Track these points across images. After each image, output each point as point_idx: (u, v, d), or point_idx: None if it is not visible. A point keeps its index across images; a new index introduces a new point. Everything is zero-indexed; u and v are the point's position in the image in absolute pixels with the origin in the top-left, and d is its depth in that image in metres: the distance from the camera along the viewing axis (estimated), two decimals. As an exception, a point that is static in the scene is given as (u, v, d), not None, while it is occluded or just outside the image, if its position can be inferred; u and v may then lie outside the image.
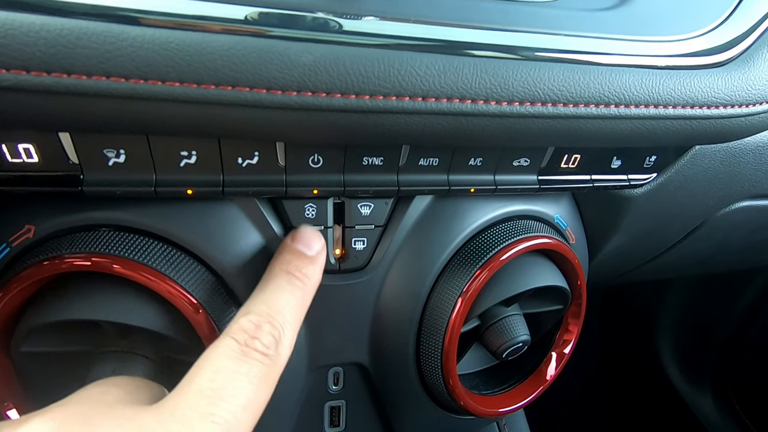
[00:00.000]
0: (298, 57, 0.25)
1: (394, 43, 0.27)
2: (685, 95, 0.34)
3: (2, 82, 0.22)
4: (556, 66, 0.31)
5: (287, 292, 0.31)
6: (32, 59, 0.22)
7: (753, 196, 0.56)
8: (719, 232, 0.60)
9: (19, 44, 0.22)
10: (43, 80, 0.22)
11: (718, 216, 0.57)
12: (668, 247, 0.60)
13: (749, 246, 0.69)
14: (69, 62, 0.22)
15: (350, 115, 0.27)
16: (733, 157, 0.48)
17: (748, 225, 0.61)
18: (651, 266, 0.66)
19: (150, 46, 0.23)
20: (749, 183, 0.53)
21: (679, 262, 0.68)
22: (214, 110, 0.25)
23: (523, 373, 0.49)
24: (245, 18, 0.25)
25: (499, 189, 0.40)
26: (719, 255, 0.69)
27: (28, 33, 0.22)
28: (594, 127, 0.33)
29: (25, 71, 0.22)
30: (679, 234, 0.57)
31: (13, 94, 0.22)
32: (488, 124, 0.30)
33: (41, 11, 0.22)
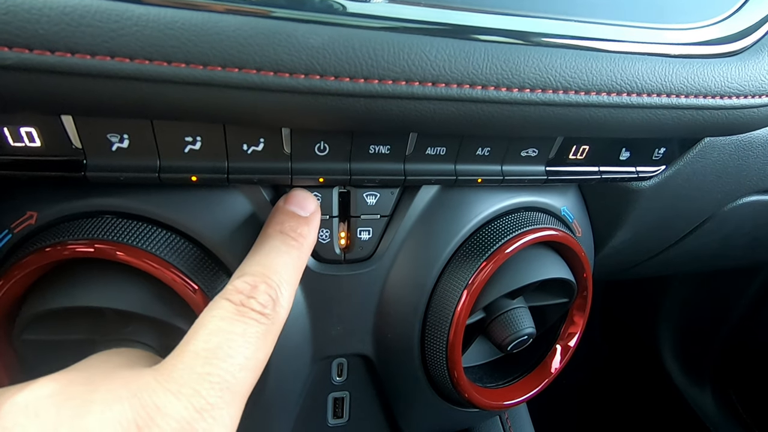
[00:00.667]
0: (306, 39, 0.25)
1: (404, 27, 0.27)
2: (698, 84, 0.34)
3: (4, 60, 0.21)
4: (568, 52, 0.30)
5: (282, 252, 0.30)
6: (35, 37, 0.21)
7: (761, 190, 0.56)
8: (726, 227, 0.59)
9: (21, 22, 0.21)
10: (46, 59, 0.22)
11: (725, 210, 0.56)
12: (675, 242, 0.60)
13: (755, 242, 0.68)
14: (73, 41, 0.22)
15: (358, 100, 0.27)
16: (743, 151, 0.48)
17: (756, 220, 0.61)
18: (657, 261, 0.66)
19: (155, 26, 0.23)
20: (758, 177, 0.53)
21: (684, 257, 0.67)
22: (220, 93, 0.25)
23: (527, 366, 0.49)
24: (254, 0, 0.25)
25: (506, 180, 0.39)
26: (725, 250, 0.69)
27: (30, 10, 0.21)
28: (605, 115, 0.33)
29: (27, 50, 0.21)
30: (686, 228, 0.56)
31: (15, 73, 0.22)
32: (498, 111, 0.30)
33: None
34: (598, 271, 0.60)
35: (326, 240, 0.38)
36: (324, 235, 0.38)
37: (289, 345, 0.39)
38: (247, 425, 0.41)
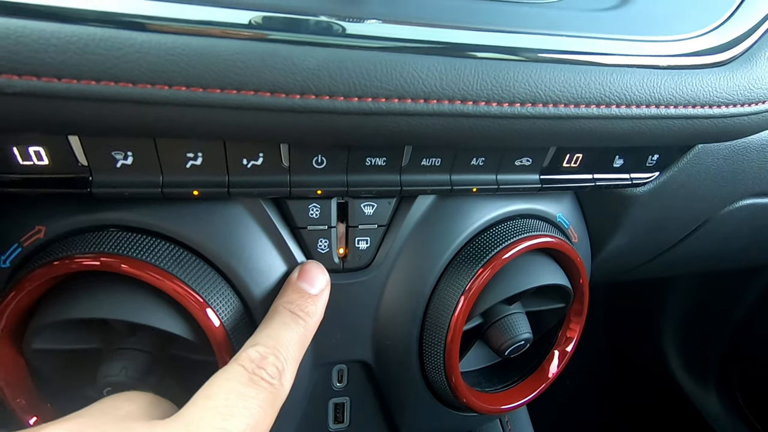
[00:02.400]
0: (301, 61, 0.26)
1: (396, 46, 0.28)
2: (686, 95, 0.34)
3: (13, 87, 0.23)
4: (557, 67, 0.31)
5: (290, 329, 0.33)
6: (43, 65, 0.22)
7: (756, 194, 0.56)
8: (723, 230, 0.60)
9: (30, 51, 0.22)
10: (53, 86, 0.23)
11: (721, 214, 0.57)
12: (671, 245, 0.60)
13: (753, 244, 0.68)
14: (78, 68, 0.23)
15: (352, 117, 0.28)
16: (736, 155, 0.48)
17: (752, 223, 0.61)
18: (654, 264, 0.66)
19: (156, 52, 0.24)
20: (752, 181, 0.53)
21: (682, 260, 0.68)
22: (219, 113, 0.26)
23: (525, 370, 0.50)
24: (249, 22, 0.26)
25: (501, 188, 0.40)
26: (723, 253, 0.69)
27: (38, 40, 0.22)
28: (596, 127, 0.34)
29: (35, 77, 0.23)
30: (682, 232, 0.57)
31: (24, 99, 0.23)
32: (489, 125, 0.31)
33: (51, 19, 0.23)
34: (597, 274, 0.60)
35: (325, 250, 0.39)
36: (323, 245, 0.39)
37: (290, 352, 0.39)
38: None
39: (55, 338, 0.35)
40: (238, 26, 0.25)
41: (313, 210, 0.38)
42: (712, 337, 1.20)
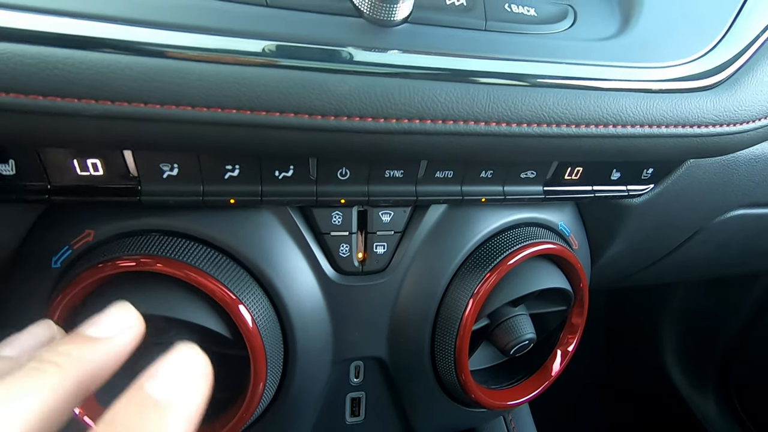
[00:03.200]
0: (336, 87, 0.29)
1: (417, 73, 0.31)
2: (676, 116, 0.38)
3: (92, 111, 0.26)
4: (559, 91, 0.34)
5: (20, 387, 0.20)
6: (118, 92, 0.26)
7: (747, 204, 0.60)
8: (716, 239, 0.63)
9: (107, 79, 0.26)
10: (124, 109, 0.26)
11: (714, 223, 0.60)
12: (667, 253, 0.63)
13: (747, 251, 0.72)
14: (147, 94, 0.26)
15: (379, 136, 0.31)
16: (727, 169, 0.52)
17: (744, 232, 0.65)
18: (652, 270, 0.70)
19: (213, 80, 0.27)
20: (743, 193, 0.57)
21: (679, 267, 0.71)
22: (263, 133, 0.29)
23: (529, 369, 0.53)
24: (289, 53, 0.29)
25: (507, 198, 0.44)
26: (717, 260, 0.72)
27: (114, 70, 0.26)
28: (594, 144, 0.37)
29: (110, 102, 0.26)
30: (677, 240, 0.60)
31: (98, 120, 0.27)
32: (499, 143, 0.34)
33: (125, 51, 0.26)
34: (597, 281, 0.64)
35: (346, 254, 0.42)
36: (344, 249, 0.42)
37: (312, 349, 0.43)
38: (273, 423, 0.45)
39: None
40: (280, 56, 0.29)
41: (336, 217, 0.41)
42: (710, 343, 1.22)
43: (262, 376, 0.38)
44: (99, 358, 0.24)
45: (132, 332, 0.27)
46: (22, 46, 0.25)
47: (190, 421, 0.22)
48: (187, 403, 0.23)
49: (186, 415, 0.22)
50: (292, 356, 0.42)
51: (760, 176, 0.55)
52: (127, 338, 0.27)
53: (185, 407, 0.22)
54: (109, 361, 0.25)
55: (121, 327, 0.27)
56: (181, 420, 0.22)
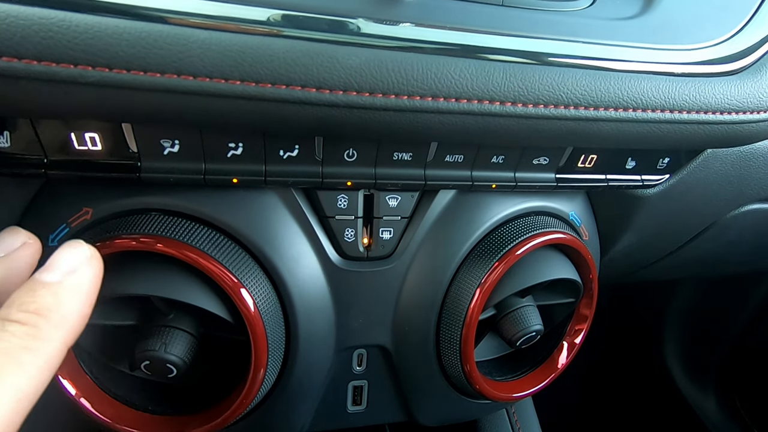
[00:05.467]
0: (345, 59, 0.28)
1: (431, 48, 0.30)
2: (699, 101, 0.36)
3: (86, 78, 0.25)
4: (578, 72, 0.33)
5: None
6: (115, 58, 0.25)
7: (763, 199, 0.58)
8: (729, 234, 0.62)
9: (104, 44, 0.24)
10: (122, 77, 0.25)
11: (728, 217, 0.58)
12: (678, 247, 0.62)
13: (758, 248, 0.70)
14: (146, 61, 0.25)
15: (389, 113, 0.30)
16: (744, 161, 0.50)
17: (758, 227, 0.63)
18: (661, 265, 0.68)
19: (216, 48, 0.26)
20: (759, 186, 0.55)
21: (688, 263, 0.70)
22: (268, 107, 0.28)
23: (535, 361, 0.52)
24: (297, 23, 0.28)
25: (519, 185, 0.42)
26: (728, 256, 0.71)
27: (112, 35, 0.24)
28: (612, 129, 0.36)
29: (107, 69, 0.25)
30: (690, 234, 0.59)
31: (95, 89, 0.25)
32: (514, 125, 0.33)
33: (123, 15, 0.25)
34: (605, 274, 0.62)
35: (351, 239, 0.41)
36: (349, 234, 0.41)
37: (314, 335, 0.42)
38: (273, 410, 0.44)
39: (98, 314, 0.37)
40: (288, 26, 0.28)
41: (341, 201, 0.40)
42: (712, 343, 1.21)
43: (262, 363, 0.37)
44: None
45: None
46: (17, 7, 0.24)
47: (84, 295, 0.26)
48: (74, 279, 0.26)
49: (76, 289, 0.25)
50: (294, 342, 0.41)
51: (776, 170, 0.53)
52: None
53: (74, 283, 0.25)
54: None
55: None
56: (73, 293, 0.25)
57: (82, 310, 0.26)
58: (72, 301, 0.25)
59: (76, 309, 0.25)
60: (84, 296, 0.26)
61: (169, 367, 0.37)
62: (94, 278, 0.27)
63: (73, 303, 0.25)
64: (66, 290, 0.25)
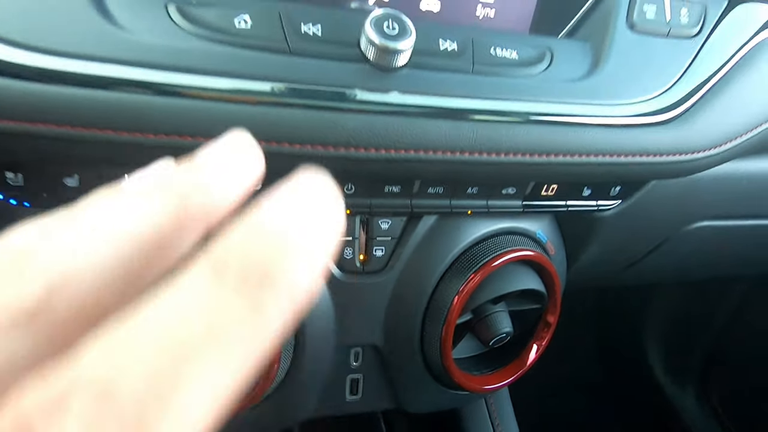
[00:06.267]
0: (344, 123, 0.36)
1: (413, 112, 0.38)
2: (637, 147, 0.44)
3: (149, 142, 0.33)
4: (535, 127, 0.41)
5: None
6: (168, 127, 0.32)
7: (711, 217, 0.66)
8: (684, 248, 0.70)
9: (160, 118, 0.32)
10: (173, 141, 0.33)
11: (681, 233, 0.66)
12: (639, 259, 0.70)
13: (714, 259, 0.78)
14: (188, 127, 0.33)
15: (380, 163, 0.38)
16: (689, 186, 0.58)
17: (710, 241, 0.71)
18: (628, 273, 0.76)
19: (245, 118, 0.34)
20: (707, 206, 0.63)
21: (651, 271, 0.77)
22: (290, 160, 0.36)
23: (507, 358, 0.60)
24: (307, 96, 0.35)
25: (491, 211, 0.50)
26: (688, 267, 0.79)
27: (165, 111, 0.32)
28: (564, 170, 0.44)
29: (165, 135, 0.33)
30: (647, 248, 0.67)
31: (152, 149, 0.33)
32: (482, 169, 0.41)
33: (169, 95, 0.33)
34: (576, 281, 0.70)
35: (350, 256, 0.49)
36: (348, 252, 0.49)
37: (318, 336, 0.50)
38: (283, 399, 0.52)
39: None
40: (299, 97, 0.35)
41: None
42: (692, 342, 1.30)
43: (276, 359, 0.45)
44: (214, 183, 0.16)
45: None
46: (95, 91, 0.31)
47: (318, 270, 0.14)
48: (320, 244, 0.14)
49: (316, 258, 0.14)
50: (301, 342, 0.49)
51: (720, 193, 0.61)
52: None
53: (318, 249, 0.14)
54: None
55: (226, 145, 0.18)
56: (310, 263, 0.13)
57: None
58: None
59: None
60: None
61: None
62: None
63: None
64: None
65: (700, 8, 0.47)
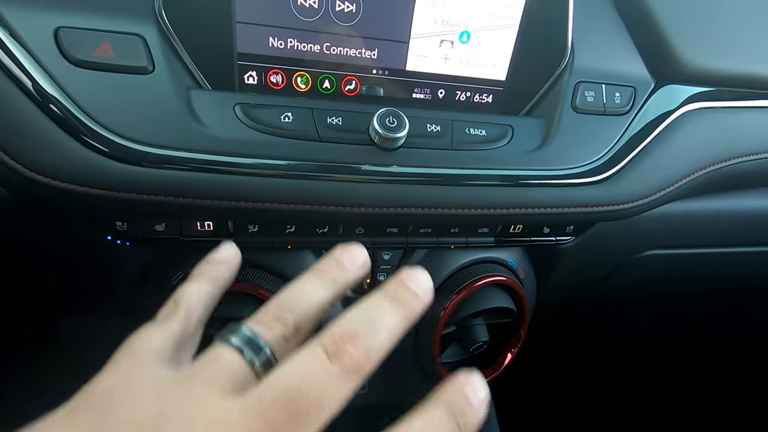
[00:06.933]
0: (358, 189, 0.50)
1: (407, 180, 0.52)
2: (580, 200, 0.58)
3: (229, 206, 0.47)
4: (499, 188, 0.55)
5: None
6: (236, 195, 0.47)
7: (657, 246, 0.80)
8: (637, 272, 0.83)
9: (227, 189, 0.47)
10: (244, 205, 0.47)
11: (633, 259, 0.80)
12: (600, 281, 0.84)
13: (669, 282, 0.92)
14: (253, 195, 0.47)
15: (383, 216, 0.52)
16: (632, 224, 0.71)
17: (661, 266, 0.85)
18: (595, 293, 0.90)
19: (291, 188, 0.48)
20: (651, 239, 0.77)
21: (616, 290, 0.91)
22: (316, 215, 0.50)
23: (486, 363, 0.74)
24: (328, 171, 0.50)
25: (469, 245, 0.64)
26: (646, 287, 0.93)
27: (231, 184, 0.47)
28: (525, 218, 0.58)
29: (235, 201, 0.47)
30: (604, 272, 0.81)
31: (228, 211, 0.48)
32: (459, 219, 0.55)
33: (235, 173, 0.47)
34: (551, 299, 0.84)
35: (359, 280, 0.63)
36: (358, 277, 0.63)
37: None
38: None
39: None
40: (325, 172, 0.50)
41: (353, 256, 0.62)
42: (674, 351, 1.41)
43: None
44: (418, 311, 0.30)
45: (430, 295, 0.31)
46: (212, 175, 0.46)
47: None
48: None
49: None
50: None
51: (661, 228, 0.75)
52: (428, 298, 0.30)
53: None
54: (418, 314, 0.30)
55: (428, 288, 0.30)
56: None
57: None
58: None
59: None
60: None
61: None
62: None
63: None
64: None
65: (631, 91, 0.62)
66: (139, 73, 0.45)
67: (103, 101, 0.44)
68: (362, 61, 0.52)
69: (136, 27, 0.45)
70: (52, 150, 0.43)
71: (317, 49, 0.50)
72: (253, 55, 0.49)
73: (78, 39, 0.43)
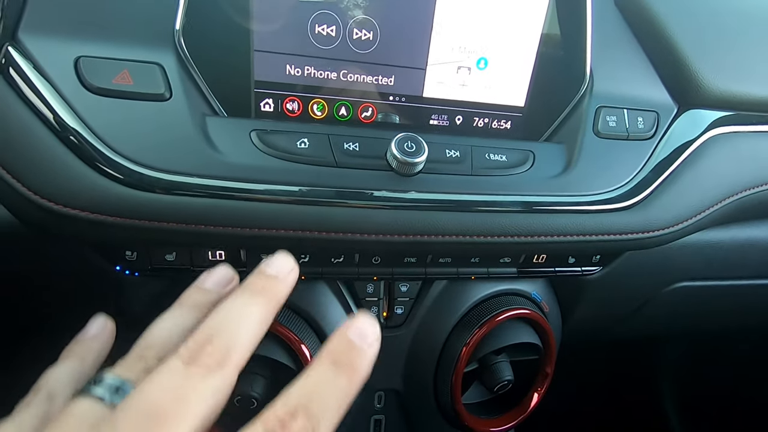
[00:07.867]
0: (376, 216, 0.48)
1: (426, 206, 0.50)
2: (605, 228, 0.56)
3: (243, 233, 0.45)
4: (521, 215, 0.53)
5: (331, 383, 0.28)
6: (255, 222, 0.45)
7: (688, 278, 0.76)
8: (667, 306, 0.79)
9: (244, 216, 0.45)
10: (272, 233, 0.46)
11: (663, 293, 0.76)
12: (627, 315, 0.79)
13: (700, 316, 0.87)
14: (270, 222, 0.46)
15: (402, 244, 0.50)
16: (662, 254, 0.68)
17: (693, 300, 0.80)
18: (622, 328, 0.85)
19: (305, 215, 0.46)
20: (681, 270, 0.73)
21: (643, 326, 0.86)
22: (331, 243, 0.48)
23: (510, 403, 0.69)
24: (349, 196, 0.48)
25: (491, 276, 0.61)
26: (675, 322, 0.88)
27: (245, 210, 0.45)
28: (548, 247, 0.55)
29: (257, 229, 0.45)
30: (631, 307, 0.76)
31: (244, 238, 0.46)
32: (480, 247, 0.52)
33: (247, 199, 0.46)
34: (575, 336, 0.79)
35: (375, 313, 0.60)
36: (374, 310, 0.60)
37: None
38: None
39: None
40: (343, 198, 0.48)
41: (370, 288, 0.59)
42: (707, 393, 1.33)
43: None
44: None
45: (294, 273, 0.34)
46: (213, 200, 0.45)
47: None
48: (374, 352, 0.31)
49: (372, 361, 0.31)
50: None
51: (691, 258, 0.71)
52: (292, 278, 0.34)
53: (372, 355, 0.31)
54: (282, 296, 0.32)
55: (289, 268, 0.34)
56: (370, 364, 0.31)
57: None
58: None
59: None
60: None
61: (253, 400, 0.55)
62: None
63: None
64: None
65: (654, 116, 0.60)
66: (157, 100, 0.44)
67: (119, 128, 0.43)
68: (379, 88, 0.51)
69: (155, 55, 0.45)
70: (65, 177, 0.42)
71: (334, 77, 0.50)
72: (270, 83, 0.49)
73: (98, 68, 0.43)
